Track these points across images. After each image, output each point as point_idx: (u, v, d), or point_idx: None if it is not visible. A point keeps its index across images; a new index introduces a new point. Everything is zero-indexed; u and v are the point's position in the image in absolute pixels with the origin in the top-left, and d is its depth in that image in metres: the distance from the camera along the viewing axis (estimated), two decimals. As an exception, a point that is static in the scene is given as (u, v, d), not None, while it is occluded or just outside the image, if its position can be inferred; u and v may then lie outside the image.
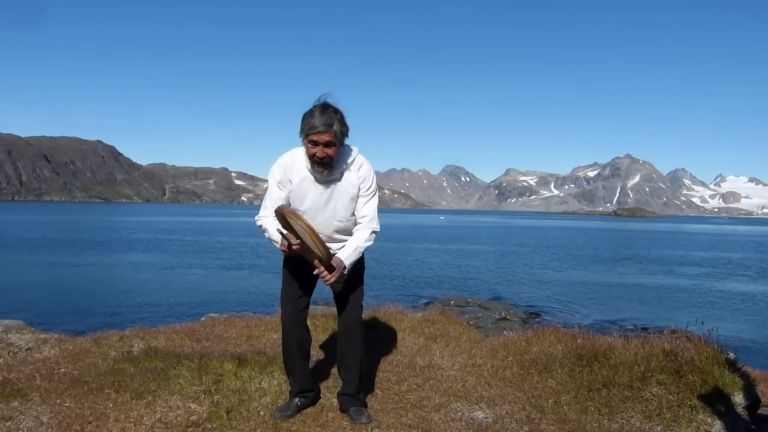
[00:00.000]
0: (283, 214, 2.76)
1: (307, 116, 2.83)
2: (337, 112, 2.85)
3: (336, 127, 2.81)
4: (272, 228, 2.95)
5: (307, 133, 2.83)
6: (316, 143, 2.83)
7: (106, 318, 11.88)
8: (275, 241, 2.95)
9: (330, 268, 2.86)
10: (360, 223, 3.05)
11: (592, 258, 32.19)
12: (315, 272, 2.89)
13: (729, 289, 20.19)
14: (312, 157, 2.88)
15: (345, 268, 2.92)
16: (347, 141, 2.99)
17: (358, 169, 3.00)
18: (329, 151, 2.85)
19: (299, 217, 2.76)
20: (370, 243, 3.04)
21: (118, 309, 13.41)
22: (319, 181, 2.97)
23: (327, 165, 2.89)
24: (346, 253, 2.95)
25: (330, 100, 2.88)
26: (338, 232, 3.08)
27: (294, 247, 2.83)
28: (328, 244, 3.01)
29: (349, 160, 2.98)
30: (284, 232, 2.84)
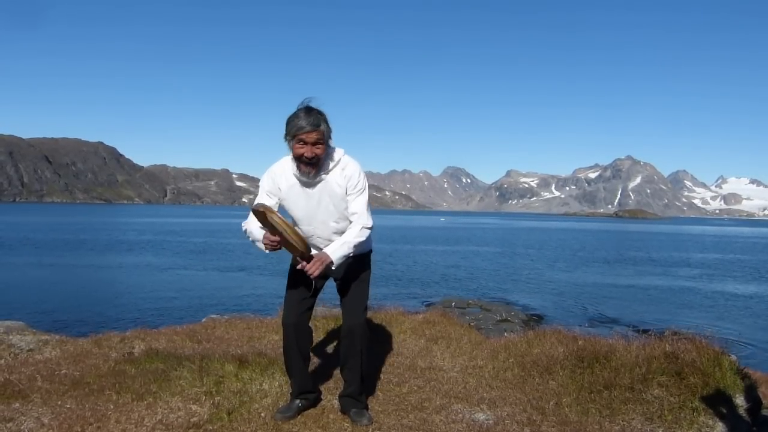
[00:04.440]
0: (259, 211, 2.81)
1: (293, 118, 2.90)
2: (321, 113, 2.92)
3: (323, 126, 2.89)
4: (255, 228, 2.97)
5: (294, 134, 2.88)
6: (304, 143, 2.88)
7: (107, 319, 11.88)
8: (258, 241, 2.96)
9: (311, 261, 2.89)
10: (351, 221, 3.08)
11: (593, 259, 32.14)
12: (298, 267, 2.93)
13: (731, 291, 20.14)
14: (300, 158, 2.93)
15: (332, 261, 2.93)
16: (332, 143, 3.04)
17: (343, 169, 3.04)
18: (317, 150, 2.90)
19: (275, 213, 2.82)
20: (361, 239, 3.05)
21: (119, 310, 13.40)
22: (306, 185, 3.02)
23: (314, 165, 2.94)
24: (333, 247, 2.98)
25: (313, 104, 2.94)
26: (336, 233, 3.11)
27: (273, 242, 2.87)
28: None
29: (334, 161, 3.03)
30: (264, 230, 2.89)
